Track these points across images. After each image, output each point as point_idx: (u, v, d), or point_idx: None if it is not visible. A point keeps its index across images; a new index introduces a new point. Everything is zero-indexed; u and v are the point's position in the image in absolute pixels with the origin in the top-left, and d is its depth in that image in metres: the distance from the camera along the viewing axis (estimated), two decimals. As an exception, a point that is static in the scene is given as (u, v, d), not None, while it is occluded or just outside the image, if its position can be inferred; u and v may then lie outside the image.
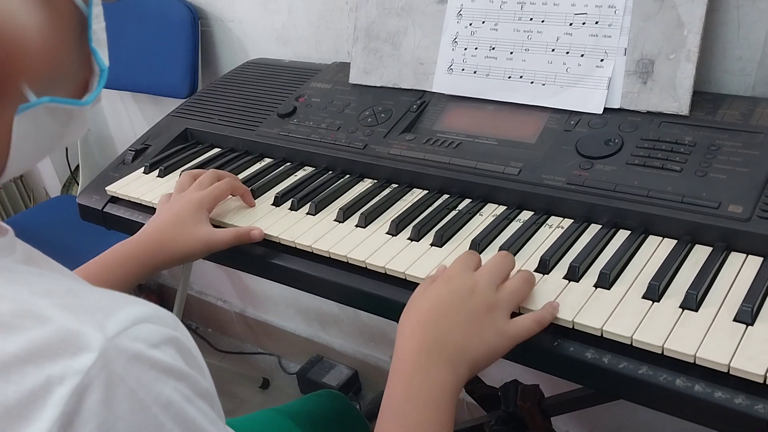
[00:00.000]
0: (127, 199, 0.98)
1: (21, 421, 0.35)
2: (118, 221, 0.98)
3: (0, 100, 0.37)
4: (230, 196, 0.89)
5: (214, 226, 0.84)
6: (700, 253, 0.68)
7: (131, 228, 0.96)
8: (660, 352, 0.58)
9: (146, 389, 0.38)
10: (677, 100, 0.81)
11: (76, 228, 1.37)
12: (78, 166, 1.77)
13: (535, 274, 0.68)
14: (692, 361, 0.56)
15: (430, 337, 0.59)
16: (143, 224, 0.93)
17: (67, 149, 1.88)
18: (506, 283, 0.64)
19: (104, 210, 1.00)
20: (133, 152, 1.07)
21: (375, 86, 1.03)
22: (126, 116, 1.77)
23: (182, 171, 1.00)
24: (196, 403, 0.41)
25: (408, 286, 0.72)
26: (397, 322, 0.63)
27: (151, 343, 0.39)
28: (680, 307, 0.61)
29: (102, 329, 0.37)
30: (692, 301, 0.61)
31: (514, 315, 0.63)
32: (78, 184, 1.85)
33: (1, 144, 0.40)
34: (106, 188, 1.00)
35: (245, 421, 0.91)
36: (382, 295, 0.74)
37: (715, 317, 0.59)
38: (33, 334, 0.36)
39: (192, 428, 0.40)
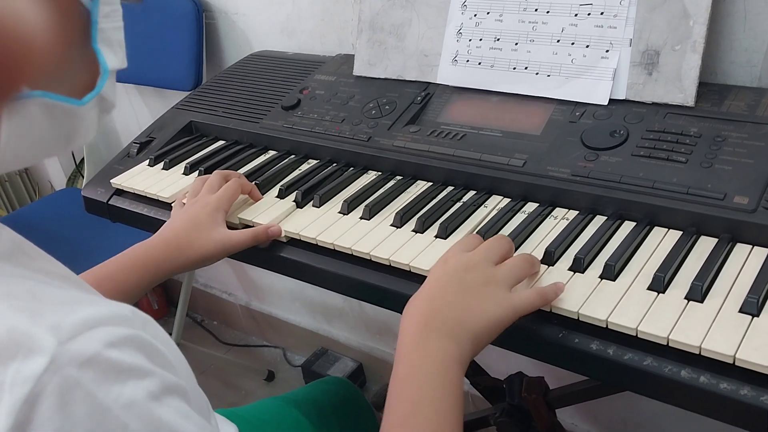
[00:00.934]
0: (132, 191, 0.99)
1: None
2: (123, 214, 0.98)
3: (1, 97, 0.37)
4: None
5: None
6: (705, 245, 0.68)
7: (136, 220, 0.96)
8: (665, 344, 0.58)
9: (105, 391, 0.37)
10: (683, 92, 0.81)
11: (81, 221, 1.38)
12: (83, 159, 1.77)
13: (541, 265, 0.68)
14: (697, 353, 0.56)
15: (427, 312, 0.59)
16: (148, 216, 0.94)
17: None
18: (505, 261, 0.64)
19: (109, 202, 1.00)
20: (138, 145, 1.07)
21: (379, 78, 1.02)
22: (130, 109, 1.77)
23: (186, 163, 1.00)
24: (163, 400, 0.40)
25: (412, 278, 0.72)
26: (402, 313, 0.63)
27: (109, 343, 0.38)
28: (685, 298, 0.61)
29: (55, 333, 0.36)
30: (697, 293, 0.61)
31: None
32: (83, 178, 1.86)
33: None
34: (111, 181, 1.01)
35: (250, 410, 0.92)
36: (386, 287, 0.74)
37: (720, 308, 0.59)
38: None
39: (159, 426, 0.39)
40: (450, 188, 0.85)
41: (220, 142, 1.07)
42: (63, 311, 0.38)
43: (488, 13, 0.93)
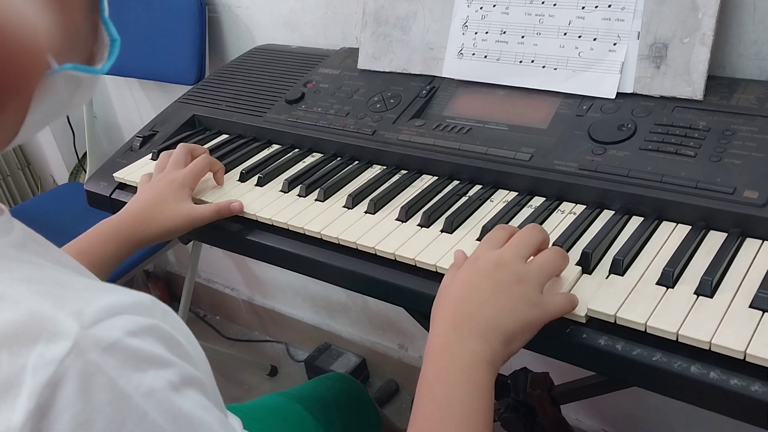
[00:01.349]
0: (135, 185, 0.98)
1: None
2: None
3: (28, 78, 0.36)
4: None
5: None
6: (714, 240, 0.67)
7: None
8: (674, 339, 0.57)
9: (126, 378, 0.37)
10: (691, 85, 0.80)
11: (84, 215, 1.37)
12: (85, 153, 1.77)
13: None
14: (707, 348, 0.56)
15: (459, 313, 0.58)
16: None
17: (74, 136, 1.88)
18: (537, 257, 0.62)
19: (112, 196, 0.99)
20: (141, 139, 1.07)
21: (384, 72, 1.02)
22: (133, 103, 1.77)
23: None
24: (182, 391, 0.40)
25: (418, 272, 0.72)
26: (407, 308, 0.63)
27: (130, 332, 0.38)
28: (695, 293, 0.60)
29: (78, 318, 0.36)
30: (707, 288, 0.60)
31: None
32: (85, 172, 1.85)
33: (19, 111, 0.39)
34: (114, 175, 1.00)
35: (253, 406, 0.91)
36: (391, 281, 0.73)
37: (730, 304, 0.59)
38: (6, 317, 0.35)
39: (178, 416, 0.39)
40: (456, 182, 0.84)
41: (224, 136, 1.07)
42: (85, 297, 0.38)
43: (494, 5, 0.92)
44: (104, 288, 0.40)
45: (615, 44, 0.84)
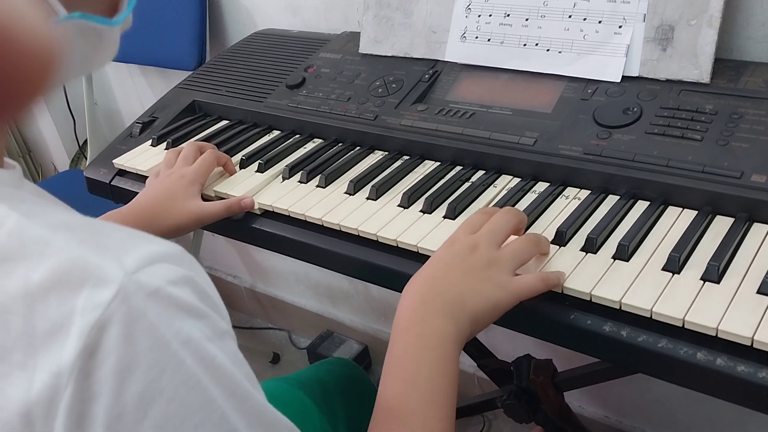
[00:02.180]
0: (135, 171, 0.97)
1: (45, 354, 0.35)
2: (126, 194, 0.97)
3: (34, 82, 0.35)
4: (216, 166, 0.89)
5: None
6: (721, 224, 0.66)
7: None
8: (680, 325, 0.56)
9: (166, 325, 0.37)
10: (698, 68, 0.79)
11: (84, 202, 1.37)
12: (86, 140, 1.76)
13: (552, 245, 0.67)
14: (714, 335, 0.55)
15: (427, 291, 0.59)
16: (151, 197, 0.93)
17: (75, 123, 1.87)
18: (510, 243, 0.64)
19: (112, 183, 0.99)
20: (141, 125, 1.06)
21: (386, 56, 1.00)
22: (134, 89, 1.76)
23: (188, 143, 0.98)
24: (216, 343, 0.40)
25: (420, 258, 0.71)
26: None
27: (170, 281, 0.38)
28: (701, 279, 0.59)
29: (121, 264, 0.37)
30: (714, 273, 0.59)
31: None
32: (86, 159, 1.84)
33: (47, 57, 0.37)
34: (114, 161, 0.99)
35: None
36: (393, 268, 0.73)
37: (737, 289, 0.58)
38: (54, 263, 0.36)
39: (212, 366, 0.39)
40: (458, 168, 0.83)
41: (224, 122, 1.06)
42: (125, 245, 0.39)
43: (498, -12, 0.91)
44: (140, 236, 0.41)
45: (620, 27, 0.83)
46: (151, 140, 1.02)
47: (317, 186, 0.85)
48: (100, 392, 0.36)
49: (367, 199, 0.80)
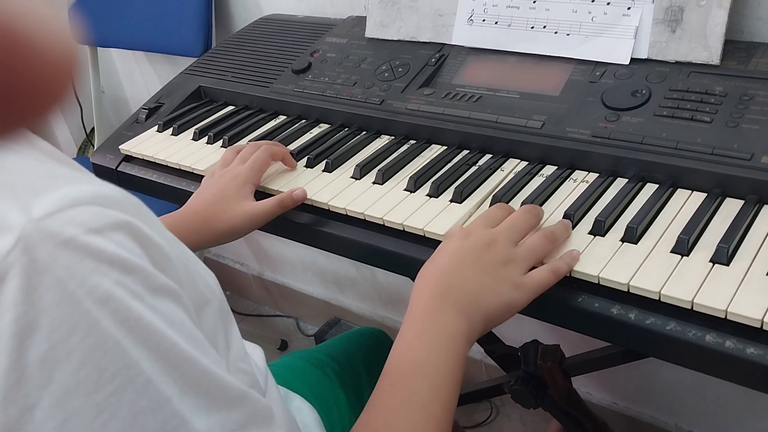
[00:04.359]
0: (141, 157, 0.97)
1: None
2: (132, 180, 0.97)
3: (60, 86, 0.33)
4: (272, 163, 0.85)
5: None
6: (731, 207, 0.65)
7: (145, 187, 0.95)
8: (689, 308, 0.56)
9: (78, 280, 0.33)
10: (708, 49, 0.78)
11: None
12: (93, 128, 1.76)
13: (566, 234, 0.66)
14: (723, 317, 0.54)
15: (443, 284, 0.58)
16: (157, 183, 0.93)
17: (82, 111, 1.87)
18: (526, 239, 0.63)
19: (118, 169, 0.99)
20: (147, 111, 1.06)
21: (392, 40, 1.00)
22: (140, 76, 1.75)
23: (196, 129, 0.98)
24: (148, 301, 0.36)
25: (427, 242, 0.71)
26: (415, 280, 0.62)
27: (91, 228, 0.34)
28: (711, 261, 0.59)
29: (25, 210, 0.33)
30: (723, 255, 0.58)
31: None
32: (94, 147, 1.84)
33: None
34: (120, 147, 0.99)
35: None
36: (400, 252, 0.72)
37: (747, 272, 0.57)
38: None
39: (137, 327, 0.35)
40: (465, 152, 0.83)
41: (230, 108, 1.05)
42: (39, 186, 0.34)
43: (505, -30, 0.90)
44: (65, 176, 0.36)
45: (629, 8, 0.82)
46: (157, 126, 1.01)
47: (323, 171, 0.84)
48: None
49: (374, 183, 0.80)
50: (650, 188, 0.70)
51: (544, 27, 0.87)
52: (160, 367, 0.36)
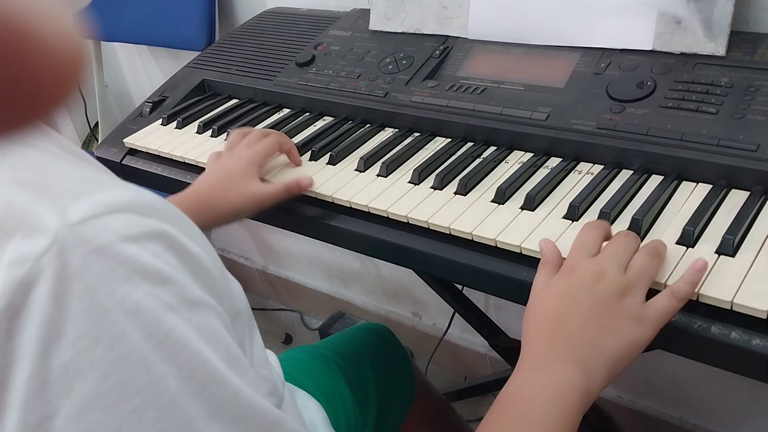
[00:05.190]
0: (146, 151, 0.97)
1: None
2: (137, 173, 0.97)
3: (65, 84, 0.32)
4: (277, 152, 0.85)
5: None
6: (736, 198, 0.65)
7: (150, 180, 0.95)
8: (695, 299, 0.55)
9: (108, 289, 0.32)
10: (713, 40, 0.77)
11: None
12: (97, 123, 1.76)
13: (564, 221, 0.66)
14: (729, 308, 0.54)
15: (556, 333, 0.52)
16: (162, 176, 0.93)
17: (86, 106, 1.87)
18: (632, 262, 0.56)
19: (122, 162, 0.99)
20: (151, 104, 1.06)
21: (396, 32, 0.99)
22: (144, 71, 1.75)
23: (200, 122, 0.98)
24: (183, 314, 0.35)
25: (431, 235, 0.71)
26: (419, 272, 0.61)
27: (126, 237, 0.33)
28: (716, 252, 0.59)
29: (62, 213, 0.32)
30: (729, 247, 0.58)
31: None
32: (98, 141, 1.85)
33: None
34: (124, 140, 0.99)
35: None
36: (404, 245, 0.72)
37: (753, 263, 0.57)
38: None
39: (166, 341, 0.34)
40: (470, 144, 0.82)
41: (234, 101, 1.05)
42: (77, 190, 0.34)
43: (509, -39, 0.89)
44: (102, 181, 0.35)
45: None
46: (161, 119, 1.01)
47: (327, 163, 0.84)
48: (21, 357, 0.32)
49: (378, 176, 0.80)
50: (655, 180, 0.70)
51: (550, 18, 0.86)
52: (187, 386, 0.34)
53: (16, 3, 0.22)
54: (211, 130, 0.96)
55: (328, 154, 0.85)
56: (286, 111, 0.99)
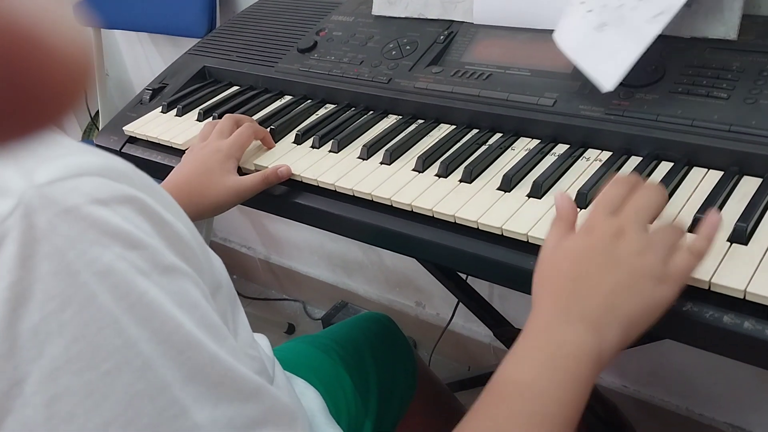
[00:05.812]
0: (145, 138, 0.96)
1: None
2: (137, 162, 0.95)
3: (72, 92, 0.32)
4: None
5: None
6: (748, 185, 0.64)
7: (150, 168, 0.94)
8: (706, 288, 0.54)
9: (77, 251, 0.32)
10: (725, 24, 0.75)
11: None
12: (98, 111, 1.75)
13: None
14: (742, 297, 0.53)
15: (568, 293, 0.50)
16: (162, 164, 0.92)
17: (86, 95, 1.86)
18: (656, 223, 0.54)
19: (122, 150, 0.97)
20: (151, 91, 1.04)
21: (399, 17, 0.98)
22: (144, 59, 1.74)
23: (200, 109, 0.97)
24: (155, 279, 0.34)
25: (436, 223, 0.69)
26: (423, 260, 0.60)
27: (96, 199, 0.33)
28: (728, 240, 0.57)
29: (28, 175, 0.32)
30: (742, 234, 0.57)
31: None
32: (99, 130, 1.83)
33: None
34: (124, 128, 0.98)
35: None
36: (408, 233, 0.71)
37: (766, 251, 0.55)
38: None
39: (138, 304, 0.33)
40: (475, 131, 0.81)
41: (235, 88, 1.04)
42: (42, 154, 0.33)
43: (515, -56, 0.87)
44: (73, 146, 0.35)
45: (643, -18, 0.79)
46: (161, 107, 1.00)
47: (330, 151, 0.83)
48: None
49: (381, 163, 0.78)
50: (665, 166, 0.68)
51: (556, 2, 0.84)
52: (161, 350, 0.34)
53: (23, 8, 0.21)
54: (211, 118, 0.94)
55: (330, 142, 0.83)
56: (287, 98, 0.98)
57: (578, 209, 0.58)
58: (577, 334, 0.48)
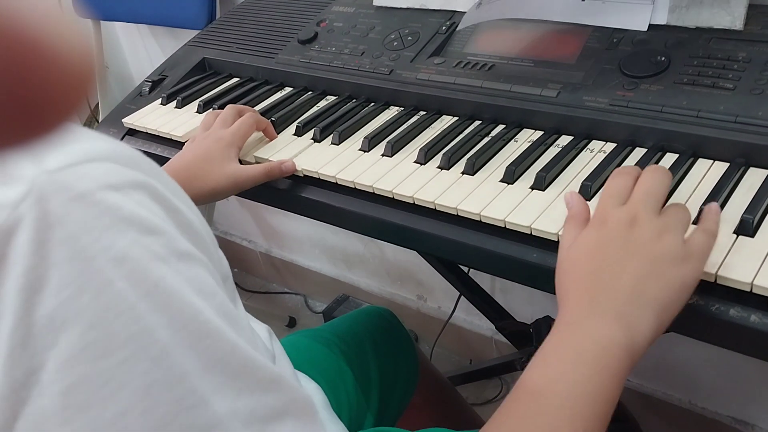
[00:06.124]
0: (145, 131, 0.95)
1: None
2: (136, 154, 0.95)
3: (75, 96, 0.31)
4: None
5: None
6: (755, 177, 0.63)
7: (149, 161, 0.93)
8: (713, 281, 0.53)
9: (92, 237, 0.31)
10: (730, 14, 0.74)
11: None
12: (97, 104, 1.74)
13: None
14: (748, 290, 0.52)
15: (593, 288, 0.49)
16: (161, 156, 0.91)
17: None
18: (664, 209, 0.54)
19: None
20: (150, 83, 1.03)
21: (401, 8, 0.97)
22: (144, 51, 1.73)
23: (200, 101, 0.96)
24: (173, 264, 0.33)
25: (438, 216, 0.69)
26: (425, 253, 0.60)
27: (108, 184, 0.32)
28: (734, 232, 0.57)
29: (37, 161, 0.31)
30: (748, 227, 0.56)
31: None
32: (98, 122, 1.83)
33: None
34: (123, 120, 0.97)
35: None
36: (410, 226, 0.70)
37: (773, 243, 0.55)
38: None
39: (156, 291, 0.32)
40: (477, 122, 0.80)
41: (234, 80, 1.03)
42: (56, 141, 0.34)
43: (518, -67, 0.86)
44: (83, 132, 0.34)
45: (648, -28, 0.78)
46: (160, 99, 0.99)
47: (331, 143, 0.82)
48: (3, 309, 0.31)
49: (383, 155, 0.78)
50: (670, 158, 0.68)
51: (559, -8, 0.83)
52: (180, 338, 0.33)
53: (25, 14, 0.21)
54: (211, 110, 0.94)
55: (332, 134, 0.82)
56: (288, 89, 0.97)
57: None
58: (604, 326, 0.47)
